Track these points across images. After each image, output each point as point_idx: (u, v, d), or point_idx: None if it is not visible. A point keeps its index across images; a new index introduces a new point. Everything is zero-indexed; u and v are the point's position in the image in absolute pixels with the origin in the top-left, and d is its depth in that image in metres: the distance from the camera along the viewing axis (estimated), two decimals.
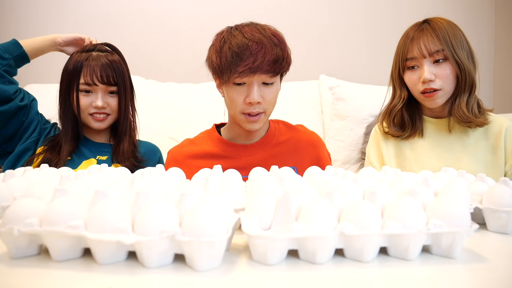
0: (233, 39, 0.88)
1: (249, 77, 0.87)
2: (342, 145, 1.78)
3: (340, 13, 2.21)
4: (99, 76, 1.00)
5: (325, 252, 0.39)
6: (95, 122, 1.04)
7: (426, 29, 0.97)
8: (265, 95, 0.90)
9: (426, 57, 0.95)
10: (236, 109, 0.92)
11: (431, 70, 0.94)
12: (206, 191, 0.53)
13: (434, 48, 0.94)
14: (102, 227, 0.37)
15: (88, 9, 2.14)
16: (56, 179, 0.61)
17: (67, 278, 0.35)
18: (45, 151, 1.02)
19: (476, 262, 0.40)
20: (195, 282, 0.35)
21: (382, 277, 0.37)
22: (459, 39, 0.95)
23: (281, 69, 0.90)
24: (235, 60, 0.86)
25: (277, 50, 0.88)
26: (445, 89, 0.96)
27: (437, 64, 0.95)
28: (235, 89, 0.90)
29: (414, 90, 1.00)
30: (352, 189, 0.51)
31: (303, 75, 2.09)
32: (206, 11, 2.11)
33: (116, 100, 1.05)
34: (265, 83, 0.90)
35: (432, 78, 0.94)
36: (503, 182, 0.53)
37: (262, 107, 0.91)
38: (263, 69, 0.86)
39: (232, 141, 1.02)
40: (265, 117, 0.94)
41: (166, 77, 2.06)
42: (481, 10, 2.21)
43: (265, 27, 0.92)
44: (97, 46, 1.07)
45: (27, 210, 0.39)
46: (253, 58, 0.85)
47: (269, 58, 0.86)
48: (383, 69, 2.17)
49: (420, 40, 0.96)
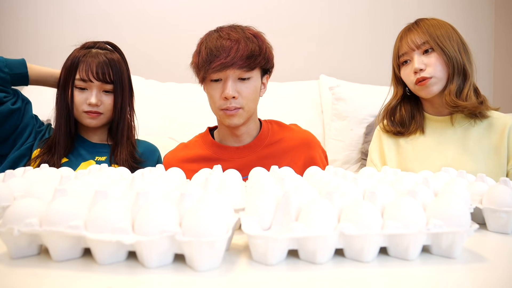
0: (210, 39, 0.94)
1: (223, 72, 0.91)
2: (342, 145, 1.78)
3: (340, 13, 2.21)
4: (95, 73, 1.00)
5: (325, 252, 0.39)
6: (87, 119, 1.03)
7: (413, 27, 1.05)
8: (241, 90, 0.93)
9: (414, 50, 1.01)
10: (214, 105, 0.97)
11: (421, 60, 1.00)
12: (206, 191, 0.53)
13: (420, 41, 1.01)
14: (102, 227, 0.37)
15: (88, 9, 2.14)
16: (56, 179, 0.61)
17: (67, 278, 0.35)
18: (43, 154, 1.00)
19: (476, 262, 0.40)
20: (195, 282, 0.35)
21: (382, 277, 0.36)
22: (445, 31, 1.01)
23: (257, 63, 0.93)
24: (210, 57, 0.90)
25: (252, 46, 0.92)
26: (437, 76, 0.99)
27: (426, 54, 1.01)
28: (212, 86, 0.95)
29: (409, 83, 1.04)
30: (352, 189, 0.51)
31: (303, 75, 2.09)
32: (206, 11, 2.11)
33: (112, 98, 1.04)
34: (241, 78, 0.93)
35: (422, 67, 0.99)
36: (503, 182, 0.53)
37: (239, 102, 0.94)
38: (236, 63, 0.90)
39: (224, 143, 1.04)
40: (244, 113, 0.96)
41: (166, 77, 2.06)
42: (481, 10, 2.21)
43: (244, 28, 0.96)
44: (97, 43, 1.07)
45: (27, 210, 0.39)
46: (225, 54, 0.89)
47: (242, 53, 0.90)
48: (383, 69, 2.17)
49: (407, 36, 1.03)
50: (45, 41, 2.08)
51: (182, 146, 1.09)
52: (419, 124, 1.07)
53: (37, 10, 2.12)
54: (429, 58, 1.00)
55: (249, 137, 1.04)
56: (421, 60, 1.00)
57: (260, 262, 0.39)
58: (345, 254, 0.40)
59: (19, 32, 2.13)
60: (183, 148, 1.07)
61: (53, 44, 2.05)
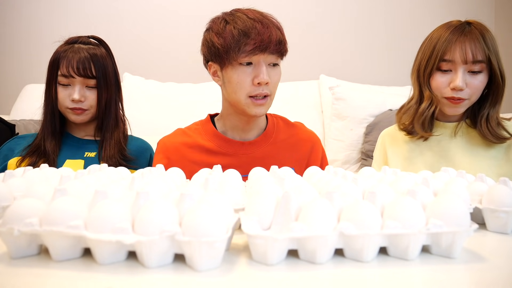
0: (238, 20, 0.87)
1: (258, 56, 0.86)
2: (342, 145, 1.79)
3: (341, 14, 2.21)
4: (75, 68, 0.98)
5: (325, 252, 0.39)
6: (72, 115, 1.02)
7: (473, 32, 0.90)
8: (271, 76, 0.89)
9: (465, 64, 0.90)
10: (242, 92, 0.89)
11: (465, 79, 0.90)
12: (206, 191, 0.53)
13: (479, 57, 0.88)
14: (102, 227, 0.37)
15: (88, 9, 2.14)
16: (56, 179, 0.61)
17: (67, 278, 0.35)
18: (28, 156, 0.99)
19: (476, 262, 0.40)
20: (195, 282, 0.35)
21: (382, 277, 0.37)
22: (497, 48, 0.92)
23: (285, 50, 0.91)
24: (243, 38, 0.85)
25: (279, 33, 0.89)
26: (472, 100, 0.93)
27: (472, 74, 0.91)
28: (242, 70, 0.87)
29: (438, 93, 0.95)
30: (352, 189, 0.51)
31: (303, 75, 2.10)
32: (206, 11, 2.10)
33: (96, 93, 1.03)
34: (271, 64, 0.90)
35: (464, 87, 0.90)
36: (503, 182, 0.53)
37: (269, 89, 0.90)
38: (271, 48, 0.86)
39: (228, 135, 0.99)
40: (270, 101, 0.93)
41: (166, 77, 2.06)
42: (481, 10, 2.21)
43: (262, 12, 0.92)
44: (80, 38, 1.05)
45: (27, 210, 0.39)
46: (261, 37, 0.85)
47: (275, 38, 0.87)
48: (383, 69, 2.18)
49: (466, 43, 0.89)
50: (46, 41, 2.08)
51: (180, 131, 1.02)
52: (430, 128, 1.01)
53: (39, 8, 2.12)
54: (474, 79, 0.90)
55: (258, 129, 1.00)
56: (464, 79, 0.89)
57: (260, 262, 0.39)
58: (345, 254, 0.40)
59: (20, 31, 2.13)
60: (181, 134, 1.01)
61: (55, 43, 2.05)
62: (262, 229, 0.42)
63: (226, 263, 0.39)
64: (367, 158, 1.68)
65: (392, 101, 1.76)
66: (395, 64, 2.09)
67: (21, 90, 1.96)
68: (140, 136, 1.18)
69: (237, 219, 0.43)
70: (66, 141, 1.06)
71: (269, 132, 1.01)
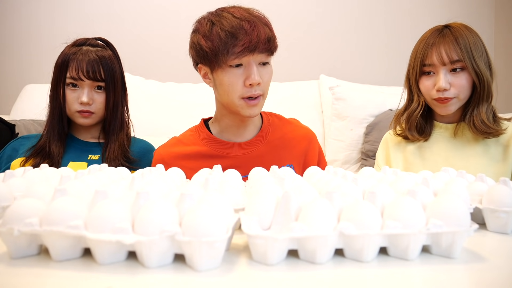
0: (224, 20, 0.85)
1: (247, 57, 0.85)
2: (342, 145, 1.79)
3: (340, 14, 2.21)
4: (85, 71, 0.98)
5: (325, 252, 0.39)
6: (80, 118, 1.02)
7: (447, 35, 0.94)
8: (263, 76, 0.88)
9: (444, 65, 0.93)
10: (234, 94, 0.87)
11: (447, 79, 0.93)
12: (206, 191, 0.53)
13: (454, 57, 0.92)
14: (102, 227, 0.37)
15: (88, 9, 2.14)
16: (56, 179, 0.61)
17: (67, 278, 0.35)
18: (32, 157, 0.99)
19: (476, 262, 0.40)
20: (195, 282, 0.35)
21: (382, 277, 0.37)
22: (479, 48, 0.93)
23: (275, 47, 0.89)
24: (230, 40, 0.83)
25: (267, 30, 0.87)
26: (459, 97, 0.95)
27: (454, 73, 0.93)
28: (233, 72, 0.86)
29: (427, 96, 0.99)
30: (352, 189, 0.51)
31: (303, 75, 2.10)
32: (206, 11, 2.11)
33: (104, 96, 1.03)
34: (262, 63, 0.88)
35: (447, 87, 0.93)
36: (503, 182, 0.53)
37: (261, 89, 0.89)
38: (260, 47, 0.84)
39: (222, 137, 0.99)
40: (263, 100, 0.92)
41: (166, 77, 2.06)
42: (481, 10, 2.21)
43: (249, 9, 0.90)
44: (88, 40, 1.05)
45: (27, 210, 0.39)
46: (249, 37, 0.83)
47: (263, 37, 0.85)
48: (383, 69, 2.18)
49: (441, 46, 0.93)
50: (46, 41, 2.09)
51: (175, 140, 1.01)
52: (430, 130, 1.03)
53: (39, 8, 2.12)
54: (457, 77, 0.93)
55: (253, 129, 1.00)
56: (447, 79, 0.92)
57: (260, 262, 0.39)
58: (345, 254, 0.40)
59: (20, 31, 2.13)
60: (177, 143, 0.99)
61: (55, 43, 2.05)
62: (262, 229, 0.42)
63: (226, 263, 0.39)
64: (367, 158, 1.68)
65: (392, 101, 1.76)
66: (395, 64, 2.09)
67: (21, 90, 1.96)
68: (140, 136, 1.18)
69: (237, 219, 0.43)
70: (71, 143, 1.06)
71: (264, 131, 1.00)
